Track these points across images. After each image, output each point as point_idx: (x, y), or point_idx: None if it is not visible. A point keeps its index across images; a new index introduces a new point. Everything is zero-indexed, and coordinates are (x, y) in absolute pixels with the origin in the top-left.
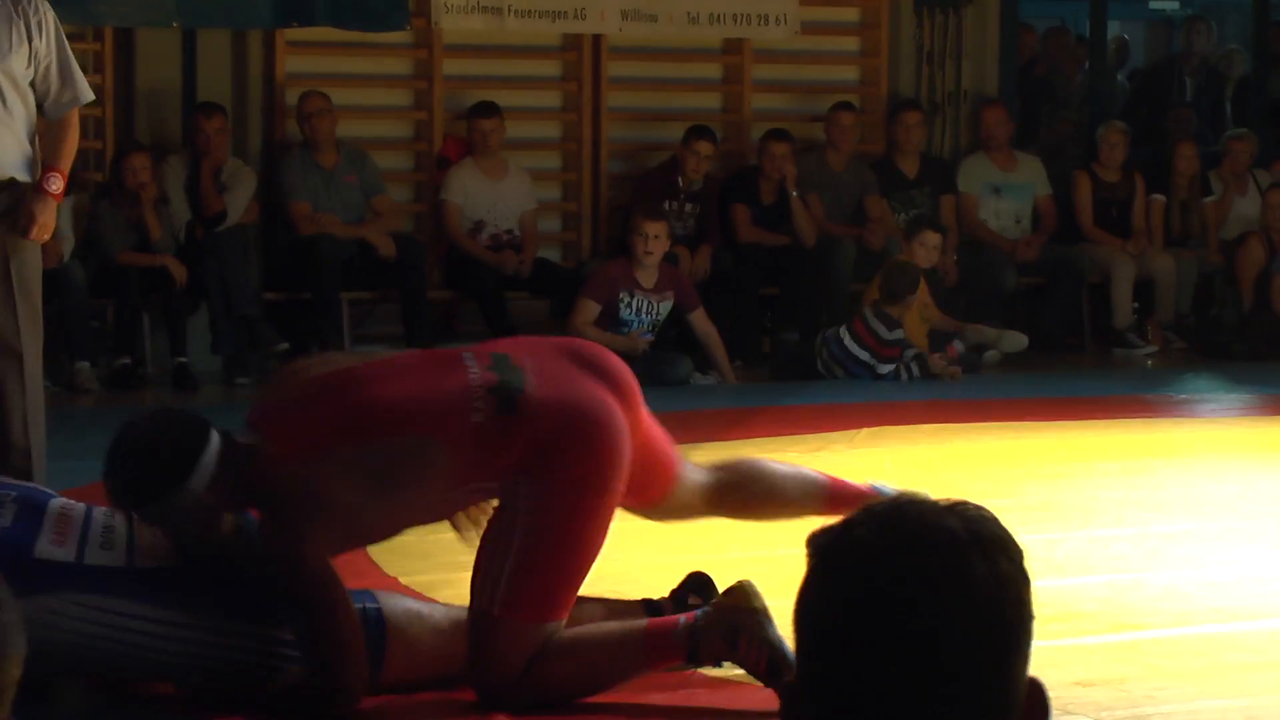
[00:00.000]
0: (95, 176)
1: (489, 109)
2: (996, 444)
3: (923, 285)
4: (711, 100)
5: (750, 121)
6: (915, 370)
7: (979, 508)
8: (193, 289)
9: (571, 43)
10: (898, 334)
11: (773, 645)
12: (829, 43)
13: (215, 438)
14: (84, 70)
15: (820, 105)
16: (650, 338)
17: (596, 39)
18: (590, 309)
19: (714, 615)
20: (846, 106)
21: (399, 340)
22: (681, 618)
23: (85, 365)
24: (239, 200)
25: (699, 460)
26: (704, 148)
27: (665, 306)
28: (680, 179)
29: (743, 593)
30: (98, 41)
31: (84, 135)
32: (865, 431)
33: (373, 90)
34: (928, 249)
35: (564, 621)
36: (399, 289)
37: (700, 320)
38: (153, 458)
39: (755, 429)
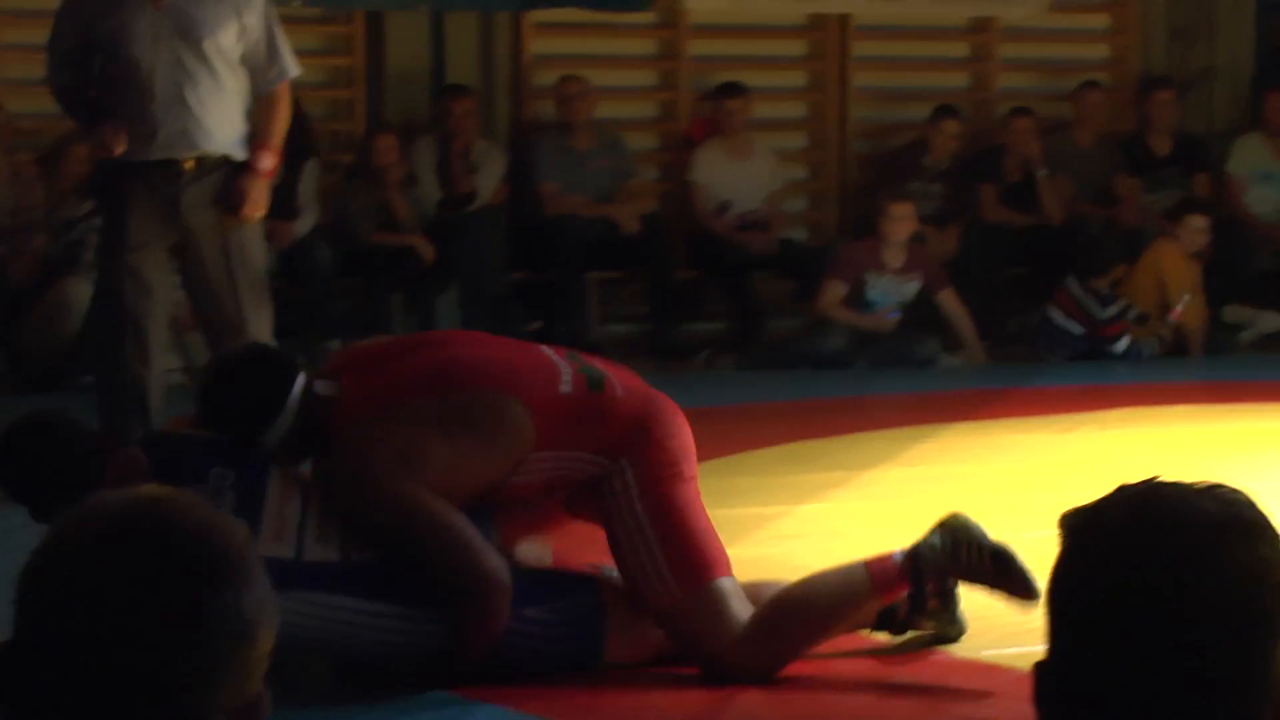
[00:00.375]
0: (345, 157)
1: (735, 89)
2: (1250, 426)
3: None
4: (958, 79)
5: (997, 100)
6: (1155, 345)
7: (1235, 490)
8: (441, 269)
9: (817, 22)
10: (1113, 310)
11: (993, 547)
12: (1078, 20)
13: (299, 385)
14: (335, 52)
15: (1068, 83)
16: (897, 317)
17: (842, 18)
18: (837, 289)
19: (931, 535)
20: (1093, 84)
21: (644, 320)
22: (898, 548)
23: (335, 344)
24: (489, 181)
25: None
26: (950, 127)
27: (912, 287)
28: (926, 158)
29: (954, 516)
30: (348, 24)
31: (334, 116)
32: (1116, 412)
33: (618, 71)
34: (1194, 232)
35: (732, 577)
36: (645, 269)
37: (949, 300)
38: (235, 405)
39: (1004, 410)
